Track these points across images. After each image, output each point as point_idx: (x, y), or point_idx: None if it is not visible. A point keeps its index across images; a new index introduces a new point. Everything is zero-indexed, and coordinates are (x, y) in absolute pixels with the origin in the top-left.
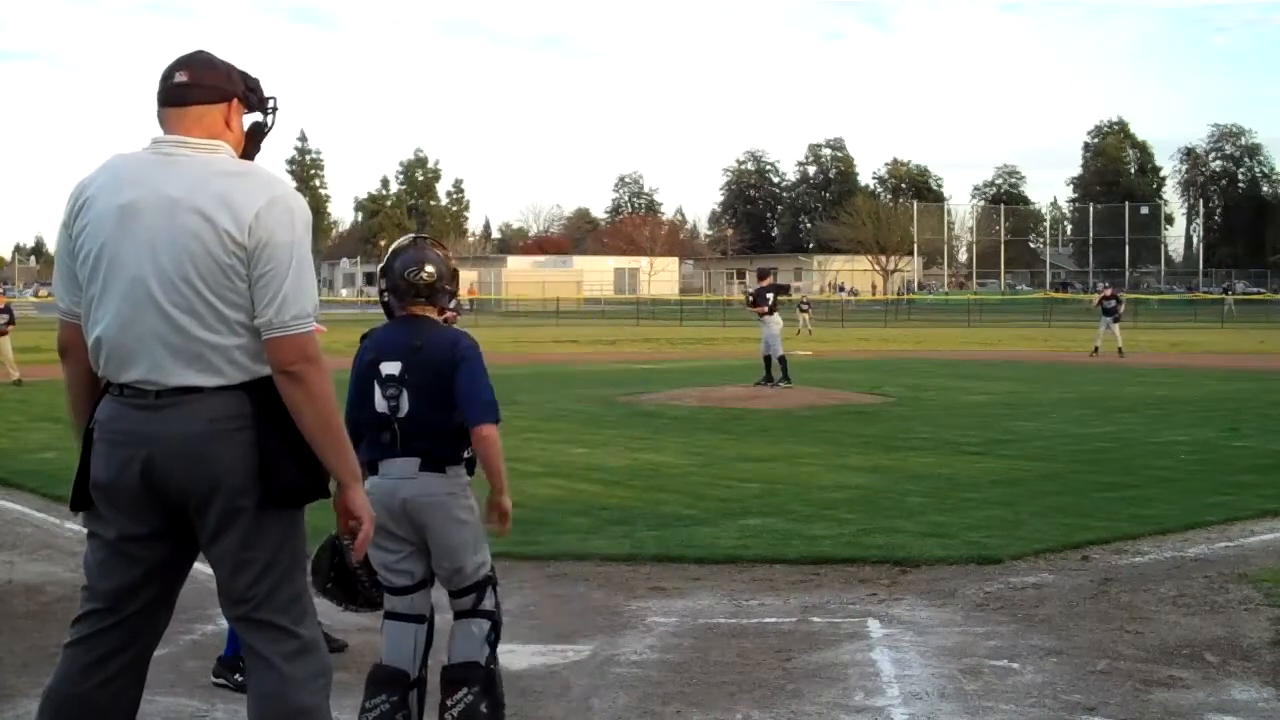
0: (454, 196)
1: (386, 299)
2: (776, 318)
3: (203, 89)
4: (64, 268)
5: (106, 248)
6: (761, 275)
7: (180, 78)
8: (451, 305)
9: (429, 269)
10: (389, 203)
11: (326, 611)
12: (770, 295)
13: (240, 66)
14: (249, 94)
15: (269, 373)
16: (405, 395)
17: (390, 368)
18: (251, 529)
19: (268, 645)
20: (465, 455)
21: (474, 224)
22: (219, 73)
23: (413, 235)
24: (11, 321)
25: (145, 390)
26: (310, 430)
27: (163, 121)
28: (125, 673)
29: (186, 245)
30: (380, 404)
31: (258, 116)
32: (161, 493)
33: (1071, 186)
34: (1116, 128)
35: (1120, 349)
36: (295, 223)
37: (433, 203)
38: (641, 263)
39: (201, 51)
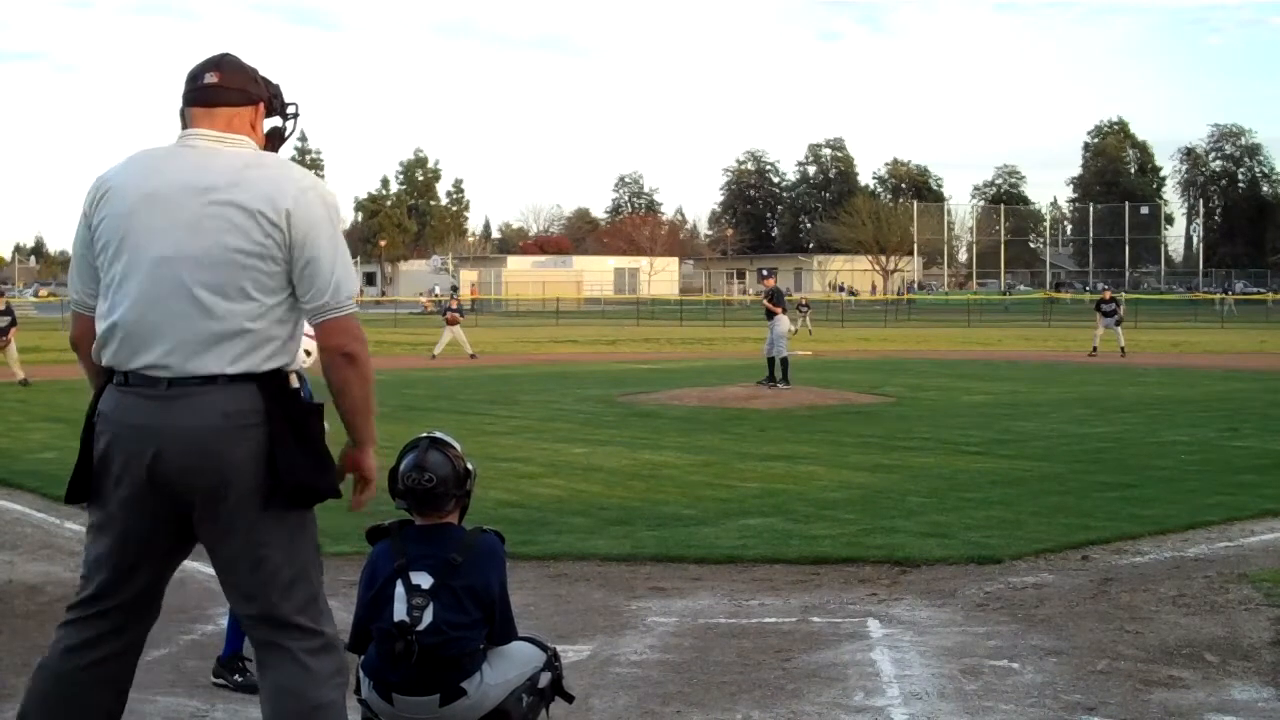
0: (454, 196)
1: (399, 503)
2: (785, 318)
3: (233, 91)
4: (81, 260)
5: (129, 234)
6: (768, 276)
7: (210, 79)
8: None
9: (428, 475)
10: (389, 203)
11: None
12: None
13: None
14: (272, 99)
15: (280, 366)
16: (431, 608)
17: (421, 579)
18: (264, 527)
19: (291, 641)
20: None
21: (474, 224)
22: (248, 76)
23: (422, 436)
24: (14, 323)
25: (156, 379)
26: (355, 405)
27: (188, 121)
28: (113, 660)
29: (217, 228)
30: (400, 610)
31: (277, 121)
32: (167, 487)
33: (1071, 186)
34: (1116, 128)
35: (1122, 348)
36: (330, 210)
37: (433, 203)
38: (641, 263)
39: (229, 54)
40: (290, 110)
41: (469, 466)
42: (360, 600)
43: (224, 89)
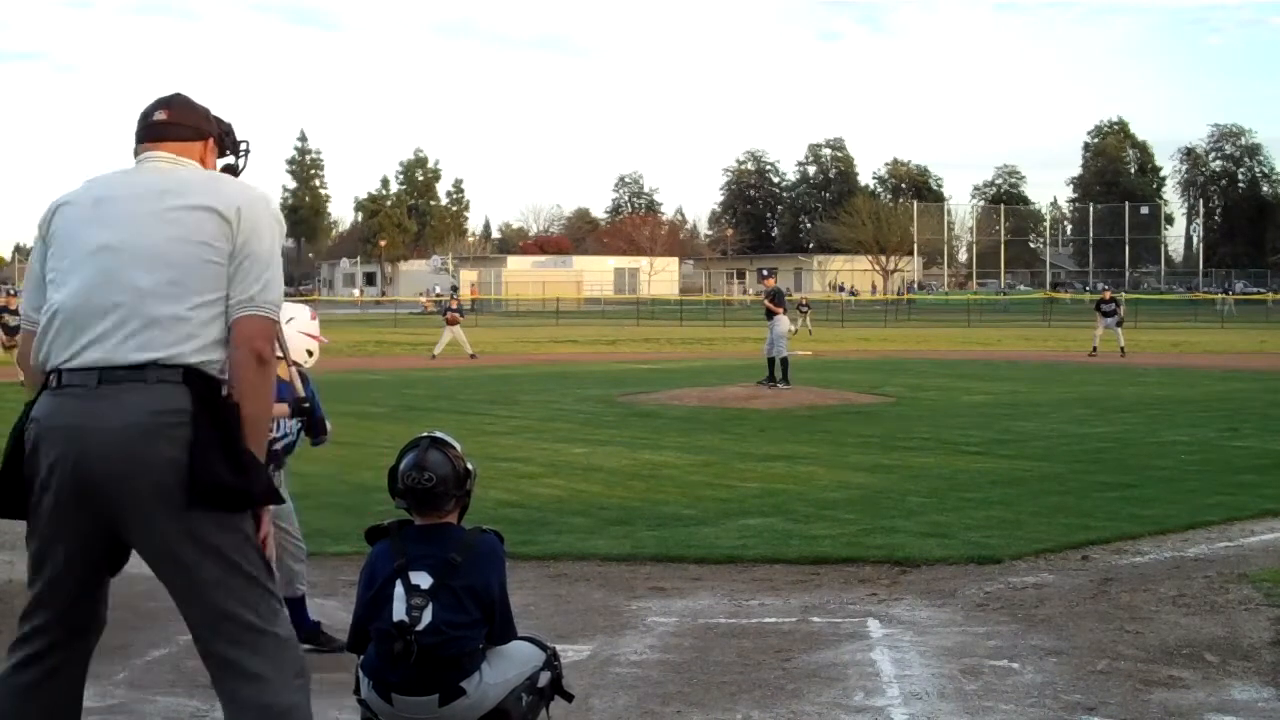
0: (454, 196)
1: (399, 503)
2: (784, 318)
3: (181, 127)
4: (35, 278)
5: (78, 231)
6: (768, 276)
7: (159, 116)
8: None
9: (428, 474)
10: (389, 203)
11: (325, 611)
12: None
13: (216, 111)
14: (224, 137)
15: (208, 362)
16: (430, 608)
17: (420, 578)
18: (194, 530)
19: (239, 650)
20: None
21: (474, 224)
22: (197, 113)
23: (422, 436)
24: None
25: (88, 371)
26: (254, 416)
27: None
28: (60, 675)
29: (165, 220)
30: (399, 610)
31: (230, 160)
32: (93, 488)
33: (1071, 186)
34: (1116, 128)
35: (1122, 348)
36: (274, 222)
37: (433, 203)
38: (641, 263)
39: (179, 94)
40: (243, 147)
41: (469, 466)
42: (359, 600)
43: (172, 125)
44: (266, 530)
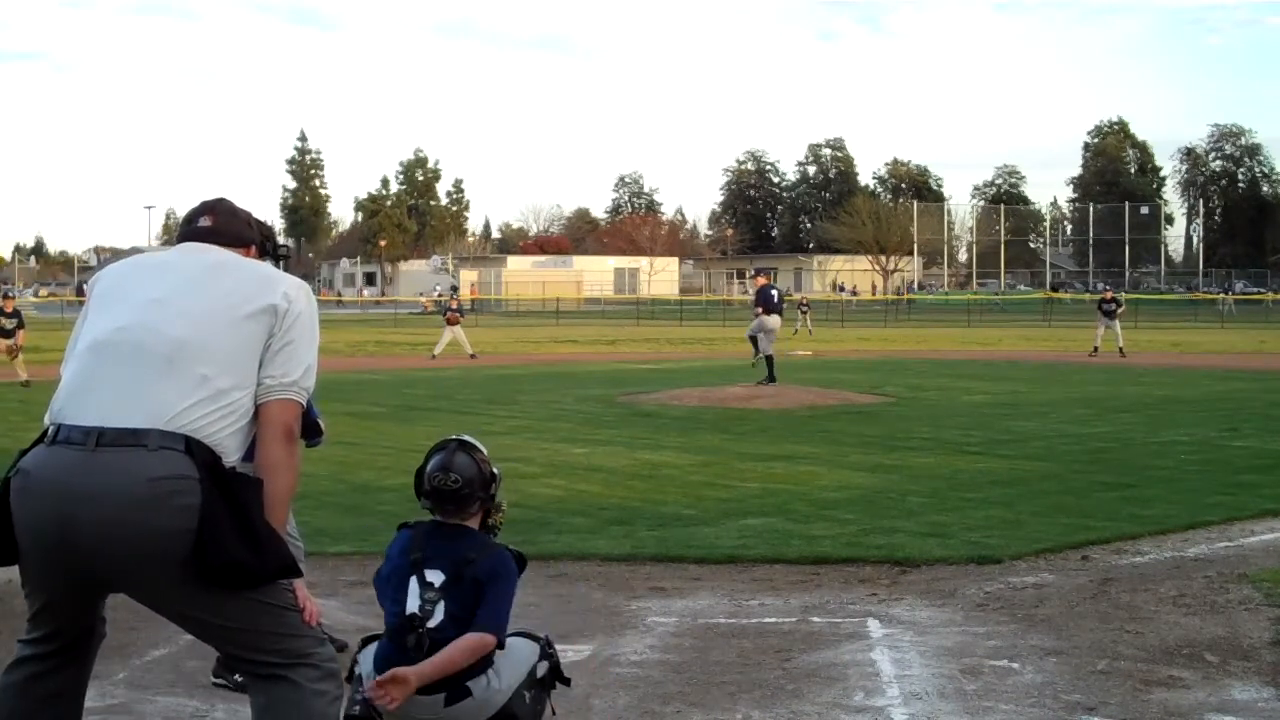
0: (454, 196)
1: (424, 503)
2: (767, 319)
3: (226, 235)
4: (69, 345)
5: (123, 283)
6: (759, 274)
7: (204, 222)
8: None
9: (454, 476)
10: (389, 203)
11: (326, 610)
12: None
13: (258, 216)
14: (265, 242)
15: (217, 445)
16: (442, 605)
17: (435, 575)
18: (205, 600)
19: (277, 670)
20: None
21: (474, 224)
22: (239, 220)
23: (450, 438)
24: (21, 325)
25: (88, 430)
26: (281, 492)
27: None
28: (56, 676)
29: (216, 285)
30: (413, 604)
31: (270, 265)
32: (81, 553)
33: (1071, 186)
34: (1116, 128)
35: (1121, 348)
36: (315, 313)
37: (433, 203)
38: (641, 263)
39: (224, 199)
40: (281, 252)
41: (494, 470)
42: (380, 588)
43: (216, 232)
44: (306, 602)
